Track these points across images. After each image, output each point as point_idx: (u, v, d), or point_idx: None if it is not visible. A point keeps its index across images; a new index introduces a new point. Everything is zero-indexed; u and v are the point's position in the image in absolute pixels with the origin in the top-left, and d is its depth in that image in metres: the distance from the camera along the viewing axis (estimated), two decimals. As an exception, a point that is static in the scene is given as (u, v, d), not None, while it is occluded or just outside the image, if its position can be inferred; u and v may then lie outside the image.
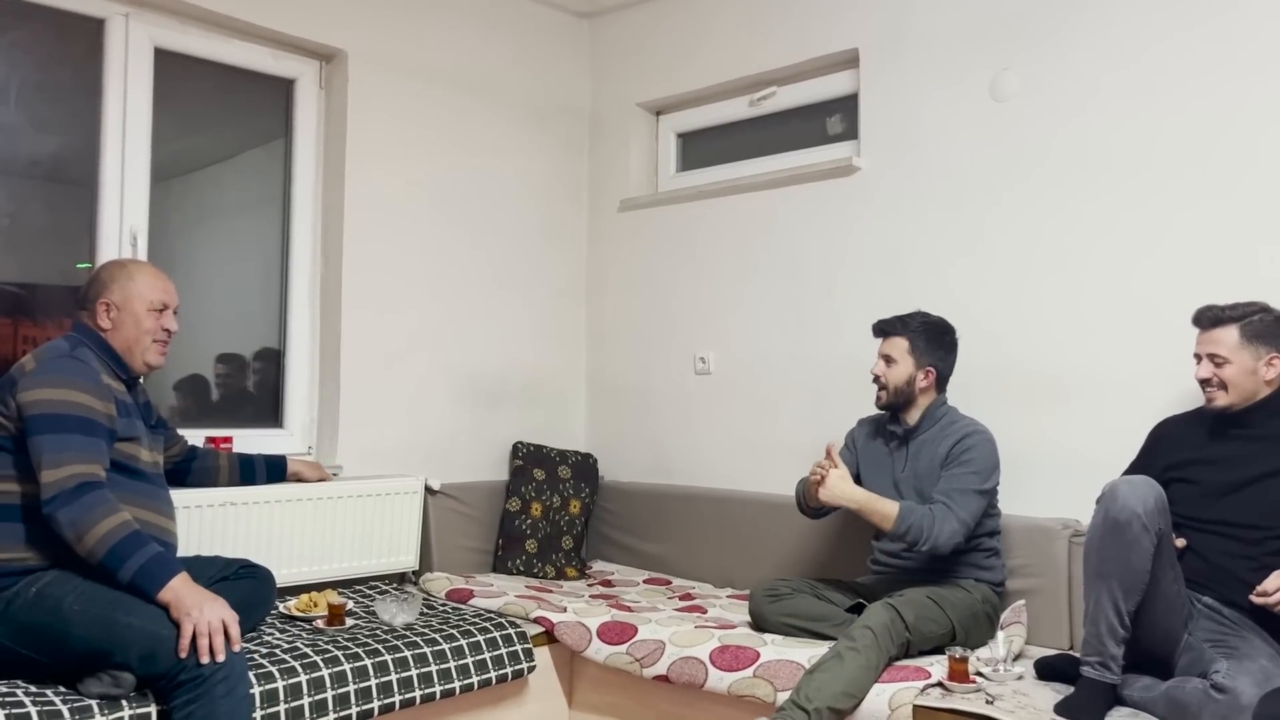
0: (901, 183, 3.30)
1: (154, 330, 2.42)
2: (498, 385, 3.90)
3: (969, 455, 2.70)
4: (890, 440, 2.91)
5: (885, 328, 2.88)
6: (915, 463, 2.81)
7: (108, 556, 2.10)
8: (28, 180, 2.99)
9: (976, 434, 2.74)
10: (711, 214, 3.82)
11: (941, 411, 2.85)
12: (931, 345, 2.82)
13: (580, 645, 2.85)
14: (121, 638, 2.07)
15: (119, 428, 2.29)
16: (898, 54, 3.32)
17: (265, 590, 2.66)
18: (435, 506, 3.54)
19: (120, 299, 2.38)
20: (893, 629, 2.43)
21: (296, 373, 3.48)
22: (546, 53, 4.12)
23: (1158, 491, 2.20)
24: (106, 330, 2.38)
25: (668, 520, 3.74)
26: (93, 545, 2.10)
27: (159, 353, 2.45)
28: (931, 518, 2.60)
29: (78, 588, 2.13)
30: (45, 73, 3.00)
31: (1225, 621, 2.28)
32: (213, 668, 2.04)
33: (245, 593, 2.52)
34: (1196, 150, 2.73)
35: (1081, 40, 2.93)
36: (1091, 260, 2.90)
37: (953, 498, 2.64)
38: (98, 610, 2.09)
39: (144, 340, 2.40)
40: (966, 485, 2.65)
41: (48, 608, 2.11)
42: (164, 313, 2.44)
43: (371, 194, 3.52)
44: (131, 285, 2.40)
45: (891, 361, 2.83)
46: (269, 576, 2.69)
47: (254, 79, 3.41)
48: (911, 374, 2.81)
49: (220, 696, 2.04)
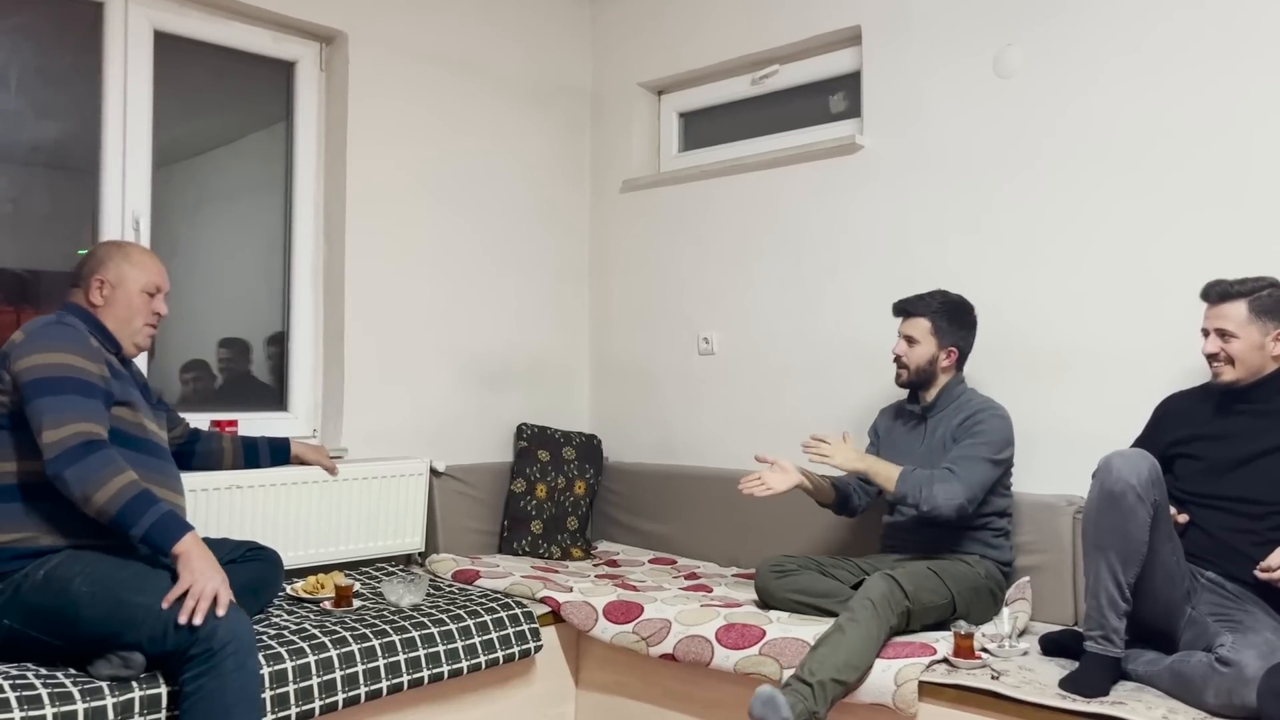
0: (905, 160, 3.28)
1: (145, 313, 2.43)
2: (502, 367, 3.90)
3: (980, 427, 2.72)
4: (909, 420, 2.93)
5: (907, 307, 2.88)
6: (931, 439, 2.83)
7: (120, 514, 2.11)
8: (29, 166, 2.99)
9: (989, 410, 2.76)
10: (714, 194, 3.81)
11: (960, 390, 2.86)
12: (954, 325, 2.83)
13: (587, 625, 2.87)
14: (130, 618, 2.08)
15: (115, 390, 2.29)
16: (900, 31, 3.30)
17: (273, 572, 2.66)
18: (440, 488, 3.55)
19: (115, 278, 2.39)
20: (891, 598, 2.44)
21: (300, 356, 3.48)
22: (548, 33, 4.10)
23: (1152, 463, 2.20)
24: (98, 307, 2.39)
25: (672, 500, 3.75)
26: (103, 503, 2.10)
27: (148, 335, 2.47)
28: (930, 478, 2.64)
29: (86, 569, 2.13)
30: (45, 58, 2.99)
31: (1229, 596, 2.28)
32: (224, 640, 2.04)
33: (252, 575, 2.53)
34: (1203, 126, 2.71)
35: (1087, 15, 2.91)
36: (1095, 236, 2.89)
37: (958, 463, 2.67)
38: (106, 591, 2.10)
39: (135, 321, 2.41)
40: (974, 454, 2.68)
41: (56, 590, 2.12)
42: (156, 296, 2.46)
43: (373, 176, 3.51)
44: (127, 265, 2.41)
45: (914, 342, 2.83)
46: (276, 559, 2.70)
47: (254, 62, 3.40)
48: (934, 354, 2.83)
49: (231, 670, 2.04)
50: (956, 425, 2.77)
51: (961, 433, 2.75)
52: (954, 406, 2.83)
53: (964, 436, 2.73)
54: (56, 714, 1.94)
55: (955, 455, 2.70)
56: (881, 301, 3.25)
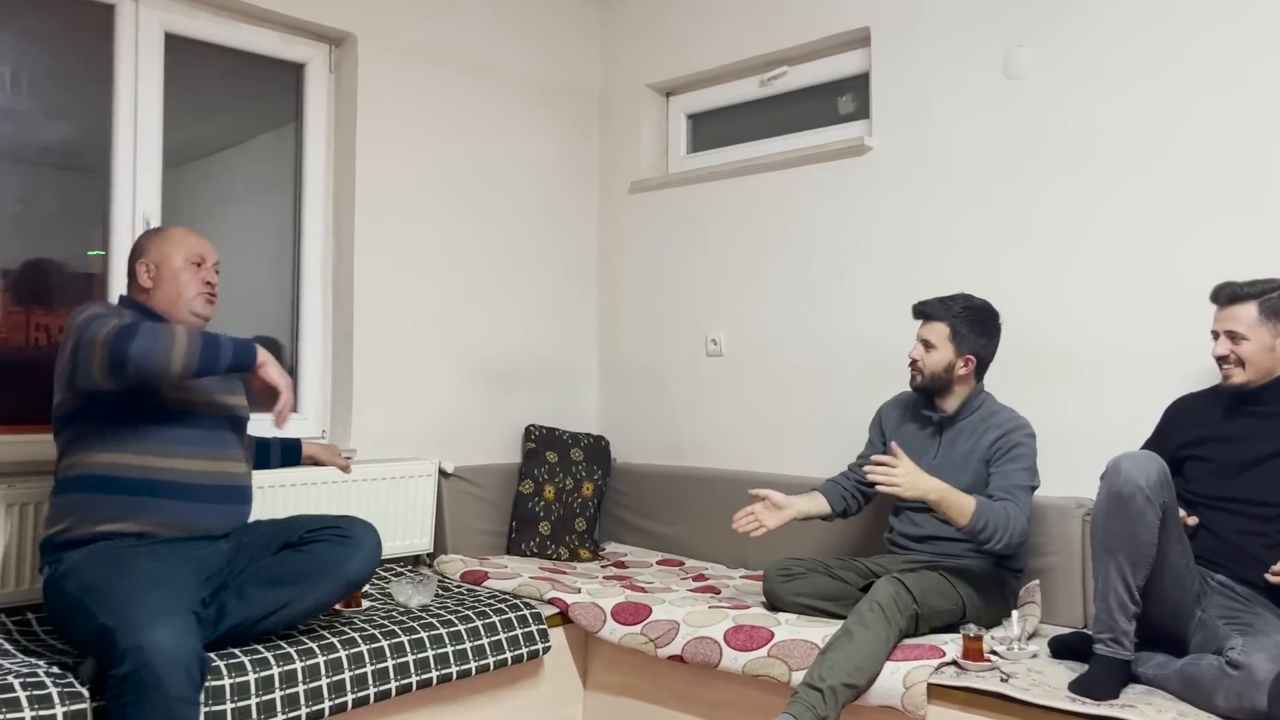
0: (914, 162, 3.28)
1: (195, 284, 2.48)
2: (510, 368, 3.91)
3: (1019, 451, 2.63)
4: (925, 426, 2.85)
5: (926, 310, 2.76)
6: (949, 450, 2.76)
7: (201, 363, 2.19)
8: (40, 167, 3.00)
9: (1022, 429, 2.67)
10: (722, 195, 3.81)
11: (980, 400, 2.78)
12: (974, 332, 2.73)
13: (595, 626, 2.87)
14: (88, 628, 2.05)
15: None
16: (910, 32, 3.30)
17: (332, 557, 2.38)
18: (449, 489, 3.56)
19: (157, 257, 2.46)
20: (899, 601, 2.43)
21: (309, 357, 3.49)
22: (556, 34, 4.10)
23: (1160, 465, 2.20)
24: (148, 289, 2.46)
25: (680, 502, 3.75)
26: (182, 360, 2.15)
27: (207, 301, 2.51)
28: (1007, 516, 2.51)
29: (91, 572, 2.15)
30: (56, 59, 3.00)
31: (1239, 598, 2.28)
32: (131, 667, 1.91)
33: (296, 566, 2.37)
34: (1214, 129, 2.71)
35: (1097, 16, 2.90)
36: (1104, 239, 2.88)
37: (1014, 495, 2.56)
38: (91, 598, 2.09)
39: (187, 292, 2.46)
40: (1023, 482, 2.60)
41: (62, 589, 2.17)
42: (202, 266, 2.50)
43: (382, 177, 3.52)
44: (167, 243, 2.48)
45: (930, 347, 2.72)
46: (350, 538, 2.42)
47: (264, 63, 3.41)
48: (951, 361, 2.72)
49: (128, 703, 1.91)
50: (989, 445, 2.68)
51: (996, 454, 2.65)
52: (976, 419, 2.75)
53: (1001, 461, 2.63)
54: (67, 713, 1.96)
55: (1005, 484, 2.59)
56: (890, 303, 3.25)
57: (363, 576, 2.41)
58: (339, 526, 2.43)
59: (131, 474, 2.29)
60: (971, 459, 2.71)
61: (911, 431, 2.88)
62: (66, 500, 2.30)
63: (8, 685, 1.96)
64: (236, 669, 2.18)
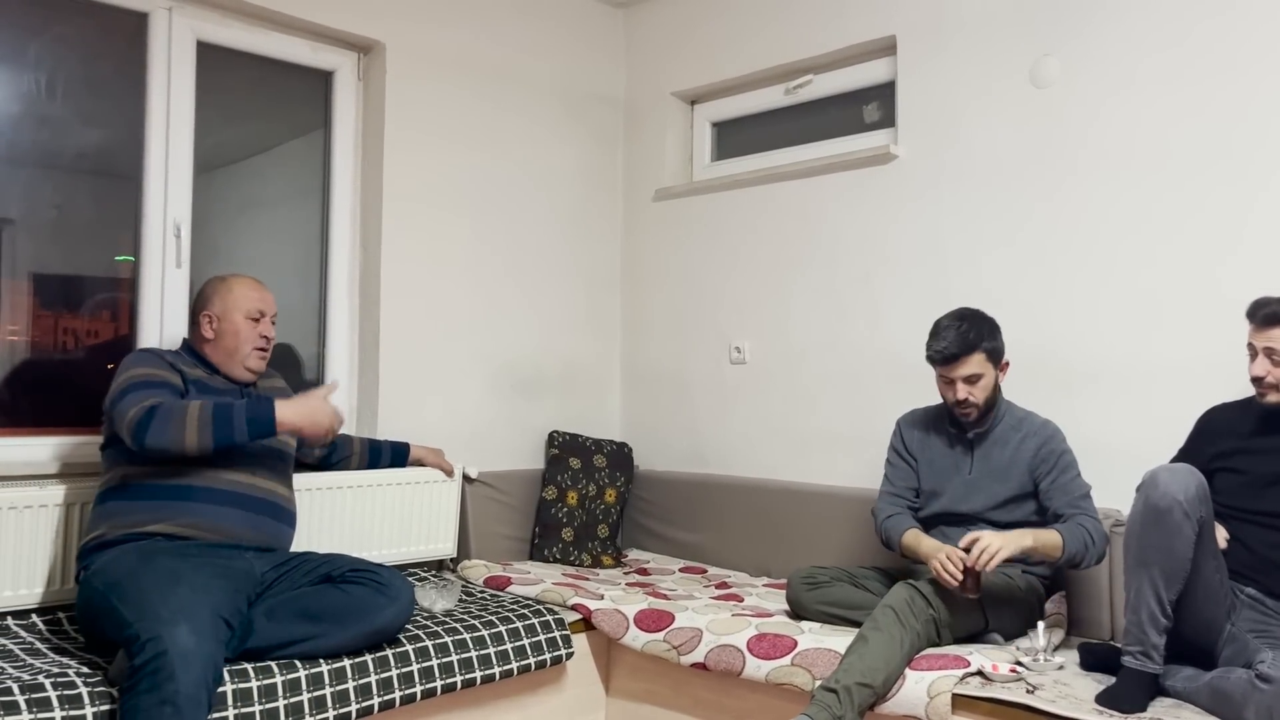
0: (940, 171, 3.27)
1: (252, 338, 2.61)
2: (534, 374, 3.92)
3: (1066, 460, 2.66)
4: (952, 442, 2.82)
5: (955, 352, 2.65)
6: (985, 463, 2.74)
7: (216, 440, 2.33)
8: (74, 173, 3.04)
9: (1057, 435, 2.69)
10: (747, 203, 3.81)
11: (1004, 407, 2.78)
12: (994, 339, 2.72)
13: (618, 632, 2.87)
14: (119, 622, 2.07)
15: (190, 390, 2.48)
16: (936, 40, 3.29)
17: (363, 603, 2.37)
18: (473, 494, 3.57)
19: (220, 310, 2.60)
20: (913, 605, 2.42)
21: (336, 361, 3.51)
22: (581, 43, 4.12)
23: (1199, 479, 2.17)
24: (209, 340, 2.60)
25: (703, 509, 3.74)
26: (195, 442, 2.31)
27: (259, 358, 2.65)
28: (1087, 532, 2.54)
29: (119, 569, 2.19)
30: (90, 67, 3.05)
31: (1269, 612, 2.26)
32: (148, 656, 1.92)
33: (325, 603, 2.36)
34: (1242, 138, 2.69)
35: (1124, 25, 2.89)
36: (1131, 249, 2.86)
37: (1082, 507, 2.59)
38: (116, 594, 2.13)
39: (244, 348, 2.61)
40: (1083, 490, 2.62)
41: (97, 584, 2.21)
42: (261, 320, 2.64)
43: (409, 184, 3.55)
44: (230, 296, 2.62)
45: (976, 378, 2.68)
46: (383, 588, 2.40)
47: (294, 71, 3.44)
48: (995, 378, 2.72)
49: (143, 691, 1.93)
50: (1031, 455, 2.67)
51: (1043, 467, 2.65)
52: (1006, 428, 2.74)
53: (1054, 474, 2.63)
54: (96, 714, 1.99)
55: (1069, 499, 2.59)
56: (916, 312, 3.24)
57: (393, 628, 2.42)
58: (378, 574, 2.43)
59: (166, 481, 2.40)
60: (1013, 470, 2.69)
61: (939, 448, 2.84)
62: (103, 509, 2.40)
63: (39, 685, 1.99)
64: (263, 671, 2.20)
